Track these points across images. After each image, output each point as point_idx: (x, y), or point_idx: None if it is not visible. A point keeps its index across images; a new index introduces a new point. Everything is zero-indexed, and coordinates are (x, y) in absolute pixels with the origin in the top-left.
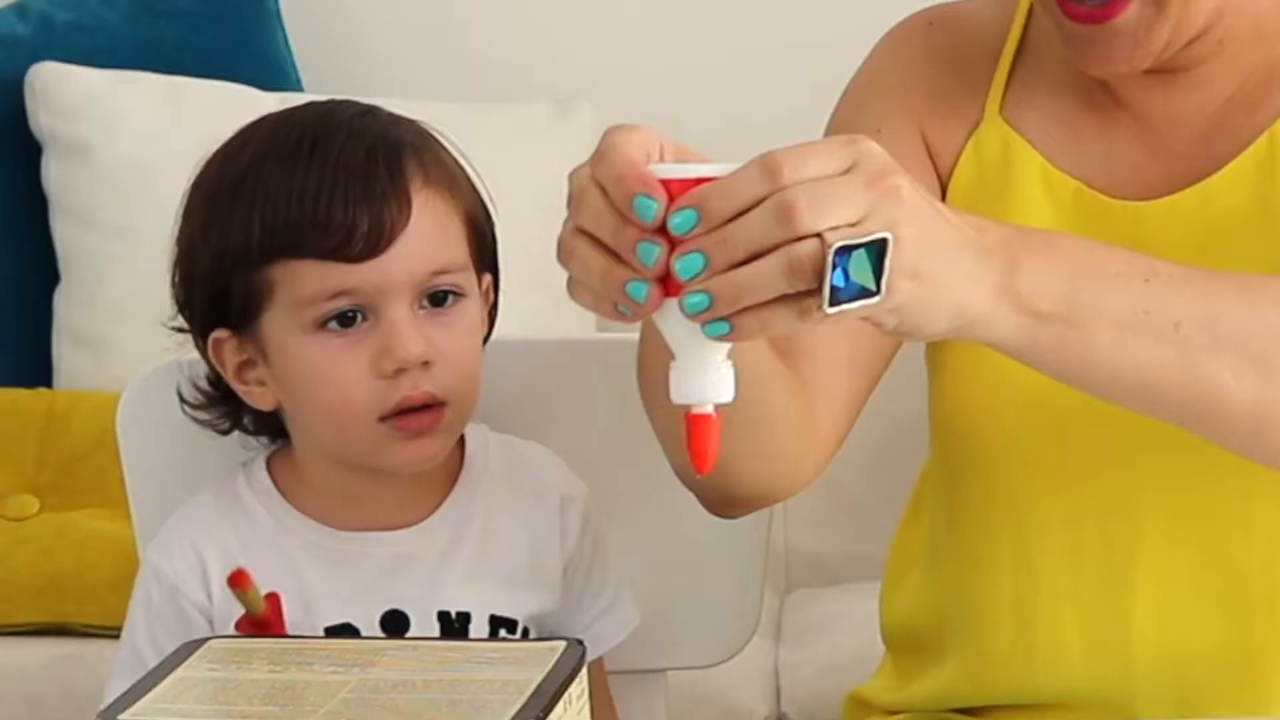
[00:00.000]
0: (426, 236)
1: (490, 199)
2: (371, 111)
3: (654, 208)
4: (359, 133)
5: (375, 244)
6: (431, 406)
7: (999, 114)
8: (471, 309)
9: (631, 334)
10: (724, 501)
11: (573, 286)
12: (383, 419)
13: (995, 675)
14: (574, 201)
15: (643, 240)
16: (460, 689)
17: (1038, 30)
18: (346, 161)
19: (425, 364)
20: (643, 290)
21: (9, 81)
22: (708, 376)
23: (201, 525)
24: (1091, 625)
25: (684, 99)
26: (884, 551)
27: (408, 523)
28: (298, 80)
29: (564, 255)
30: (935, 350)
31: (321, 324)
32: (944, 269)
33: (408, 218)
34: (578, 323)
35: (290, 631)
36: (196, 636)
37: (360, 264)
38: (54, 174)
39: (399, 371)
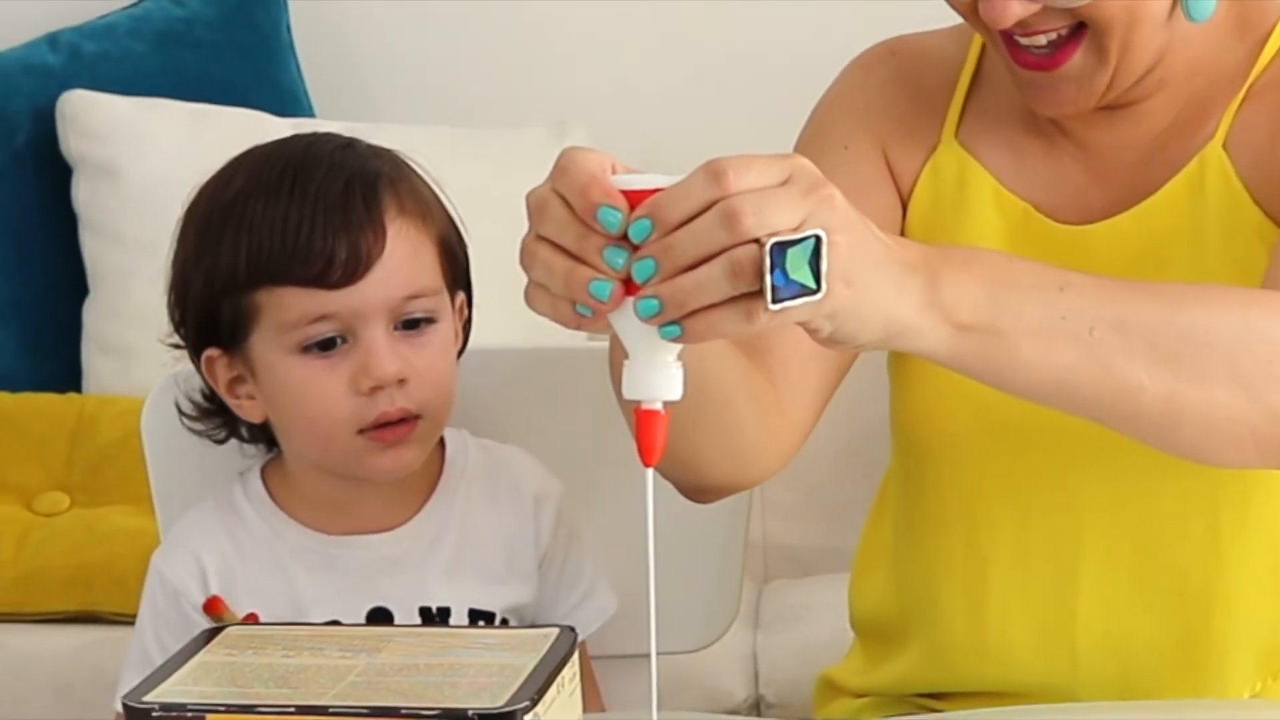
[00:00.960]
0: (401, 263)
1: (461, 222)
2: (351, 145)
3: (618, 217)
4: (338, 165)
5: (353, 271)
6: (406, 420)
7: (955, 138)
8: (444, 329)
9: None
10: (697, 489)
11: (532, 292)
12: (361, 431)
13: (951, 664)
14: (535, 213)
15: (609, 246)
16: (459, 673)
17: (990, 62)
18: (326, 193)
19: (401, 381)
20: (607, 289)
21: (42, 108)
22: (658, 375)
23: (201, 532)
24: (1038, 618)
25: (668, 123)
26: (854, 545)
27: (391, 525)
28: (310, 107)
29: (527, 261)
30: (895, 363)
31: (304, 347)
32: (873, 279)
33: (383, 246)
34: (566, 335)
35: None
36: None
37: (339, 290)
38: (83, 194)
39: (375, 389)
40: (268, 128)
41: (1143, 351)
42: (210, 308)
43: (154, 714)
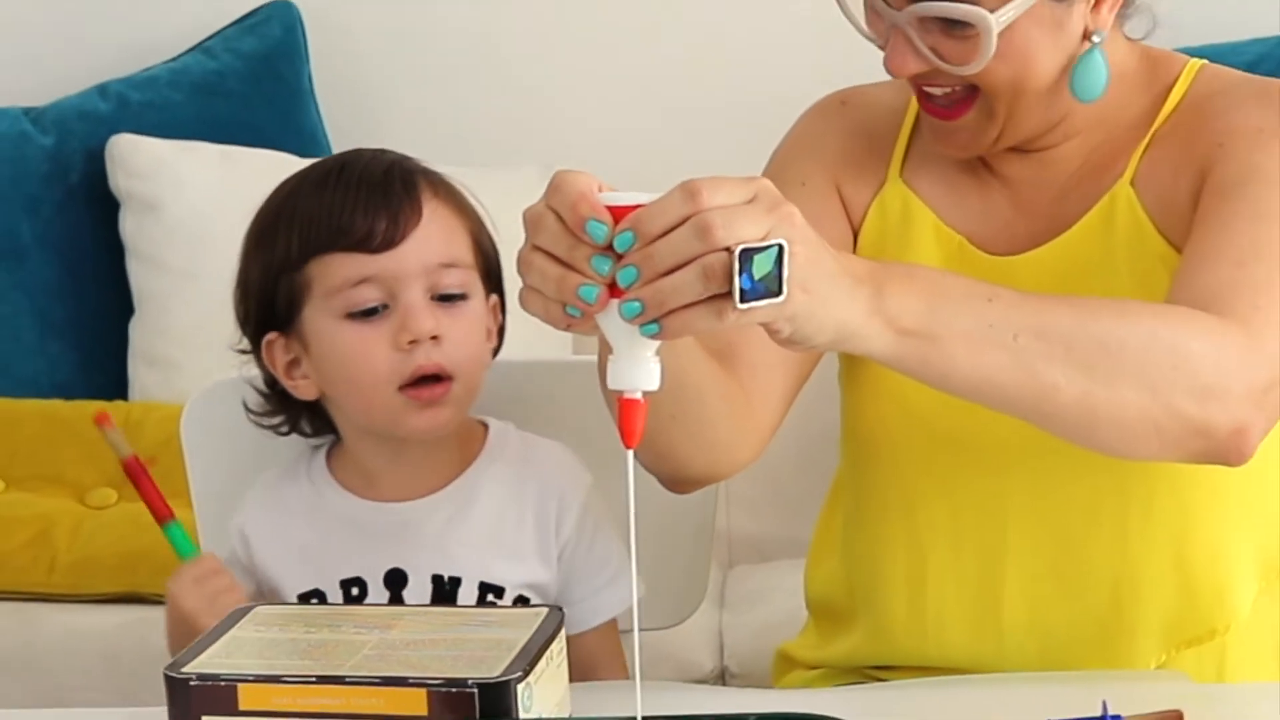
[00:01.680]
0: (435, 234)
1: (495, 229)
2: (387, 150)
3: (604, 229)
4: (378, 159)
5: (392, 238)
6: (441, 379)
7: (899, 177)
8: (476, 306)
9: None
10: (676, 480)
11: (526, 296)
12: (401, 388)
13: (893, 641)
14: (531, 226)
15: (596, 255)
16: (462, 646)
17: None
18: (368, 178)
19: (435, 339)
20: (594, 293)
21: (93, 150)
22: (639, 369)
23: (261, 498)
24: (970, 602)
25: (645, 162)
26: (809, 535)
27: (416, 496)
28: (328, 148)
29: (523, 269)
30: (846, 376)
31: (350, 314)
32: (827, 288)
33: (419, 219)
34: (556, 350)
35: (306, 585)
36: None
37: (380, 254)
38: (129, 226)
39: (413, 344)
40: (291, 167)
41: (1061, 356)
42: (267, 291)
43: (191, 683)
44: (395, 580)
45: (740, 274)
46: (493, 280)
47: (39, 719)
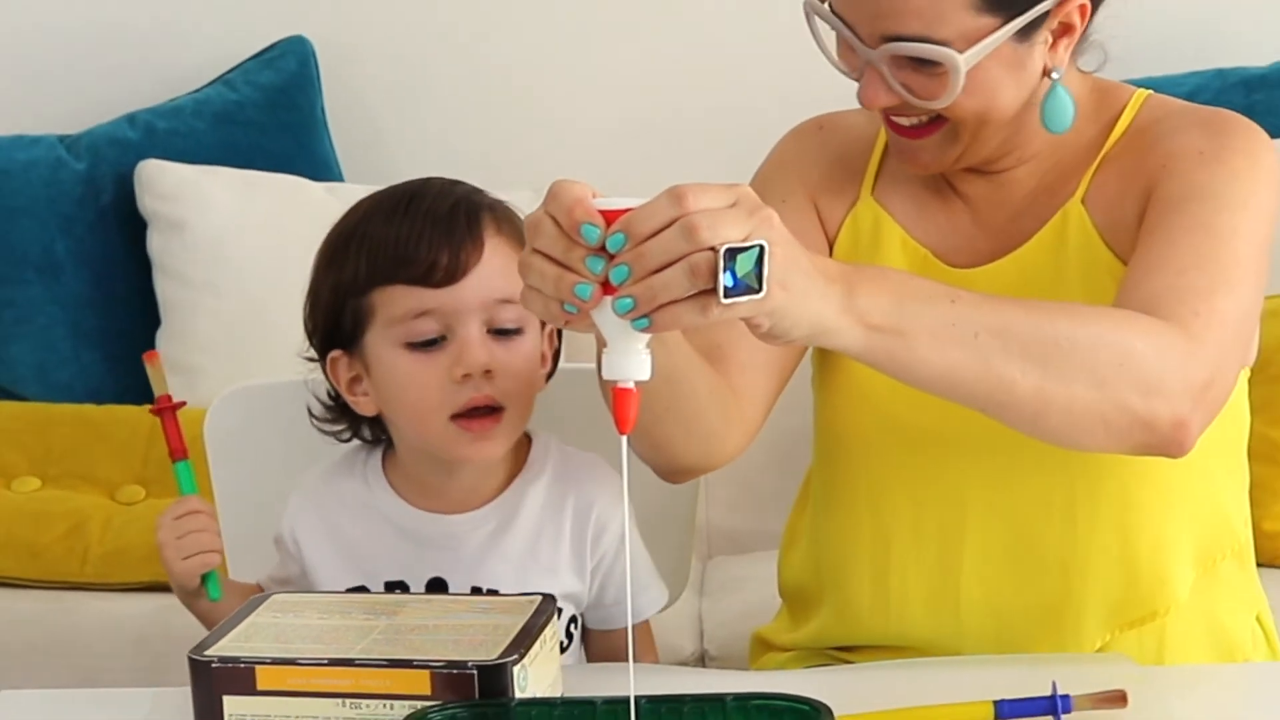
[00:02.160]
0: (495, 272)
1: None
2: (459, 182)
3: (597, 232)
4: (447, 193)
5: (453, 274)
6: (493, 411)
7: (871, 195)
8: (530, 340)
9: (585, 365)
10: (670, 470)
11: (526, 295)
12: (453, 418)
13: (859, 622)
14: (531, 231)
15: (590, 256)
16: (463, 631)
17: None
18: (434, 212)
19: (488, 373)
20: (588, 290)
21: (123, 174)
22: (631, 360)
23: (316, 489)
24: (930, 586)
25: (633, 182)
26: (781, 528)
27: (465, 510)
28: (339, 173)
29: (523, 270)
30: (819, 377)
31: (409, 344)
32: (804, 286)
33: (480, 256)
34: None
35: (351, 580)
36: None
37: (440, 289)
38: (156, 244)
39: (466, 377)
40: (305, 190)
41: (1017, 353)
42: (335, 312)
43: (213, 665)
44: (436, 587)
45: (724, 271)
46: None
47: (75, 697)
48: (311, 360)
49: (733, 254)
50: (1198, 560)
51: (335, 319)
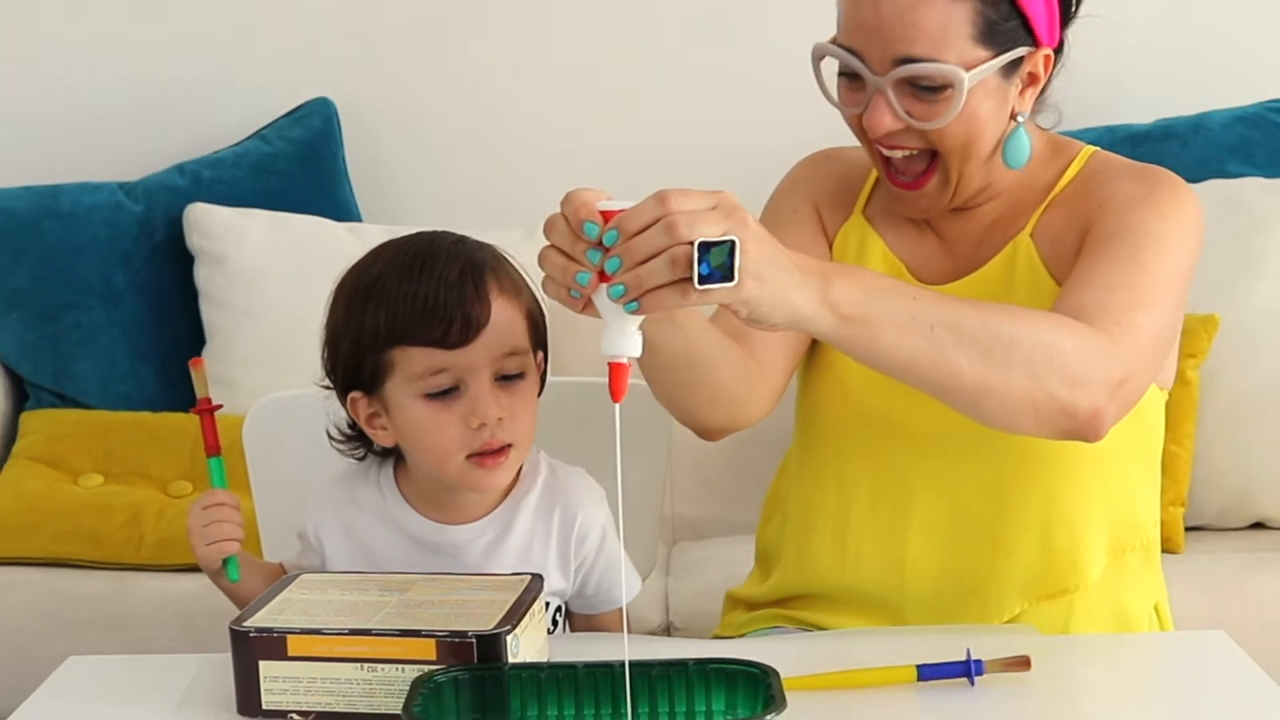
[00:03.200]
0: (501, 328)
1: (543, 297)
2: (463, 240)
3: (595, 229)
4: (454, 256)
5: (465, 336)
6: (501, 449)
7: (862, 214)
8: (531, 381)
9: (562, 377)
10: (702, 431)
11: (545, 283)
12: (468, 457)
13: (818, 575)
14: (547, 228)
15: (590, 249)
16: (464, 606)
17: None
18: (446, 277)
19: (499, 420)
20: (586, 278)
21: (173, 216)
22: (624, 339)
23: (335, 493)
24: (880, 548)
25: None
26: (737, 520)
27: (471, 520)
28: (358, 215)
29: (541, 261)
30: (804, 369)
31: (427, 395)
32: (779, 278)
33: (488, 317)
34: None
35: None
36: (318, 561)
37: (455, 350)
38: (202, 276)
39: (481, 426)
40: (329, 229)
41: (966, 346)
42: (356, 361)
43: (251, 635)
44: None
45: (699, 262)
46: (541, 340)
47: (132, 662)
48: (327, 388)
49: (706, 247)
50: (1109, 549)
51: (355, 367)
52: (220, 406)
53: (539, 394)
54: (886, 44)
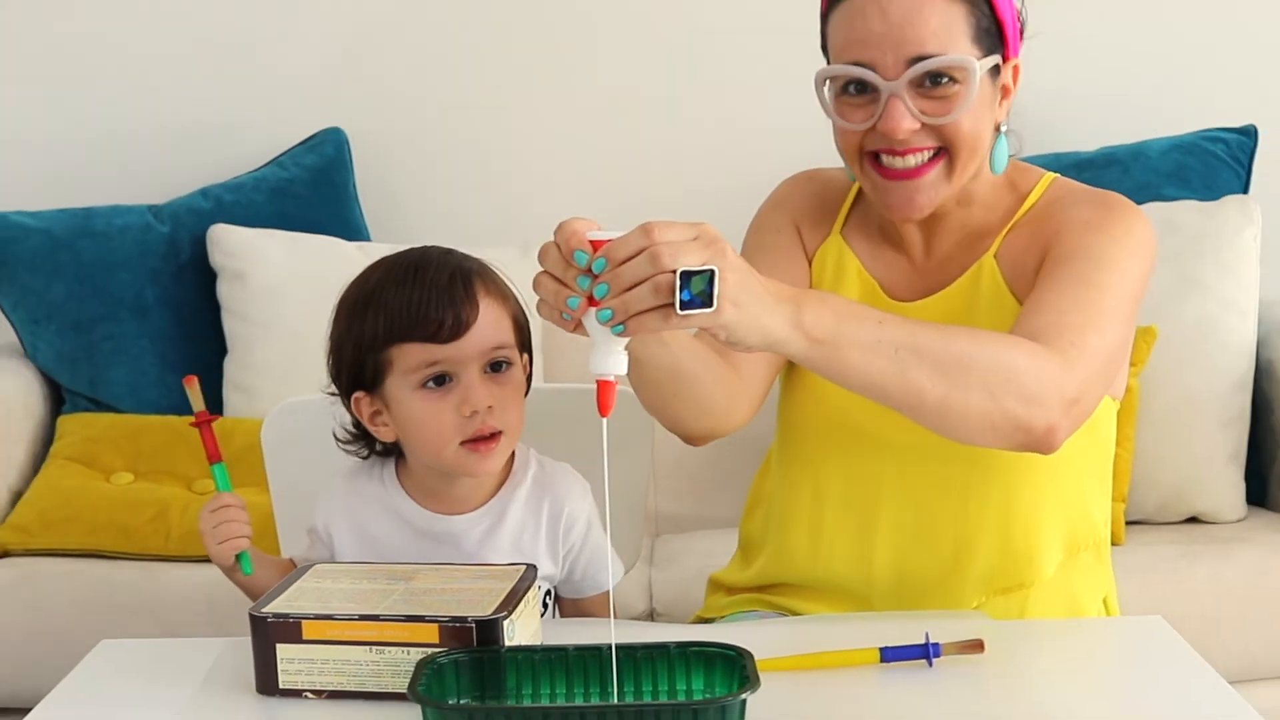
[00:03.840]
0: (488, 325)
1: (527, 305)
2: (451, 251)
3: (585, 257)
4: (444, 264)
5: (456, 331)
6: (494, 435)
7: (840, 234)
8: (518, 372)
9: (559, 384)
10: (687, 438)
11: (539, 305)
12: (461, 444)
13: (795, 566)
14: (541, 255)
15: (580, 275)
16: (465, 594)
17: (863, 193)
18: (437, 281)
19: (490, 408)
20: (576, 302)
21: (198, 236)
22: (611, 358)
23: (342, 489)
24: (851, 544)
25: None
26: (715, 514)
27: (466, 510)
28: (367, 234)
29: (536, 287)
30: (784, 380)
31: (423, 385)
32: (754, 304)
33: (476, 315)
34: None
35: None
36: (327, 554)
37: (447, 344)
38: (224, 290)
39: (473, 414)
40: (340, 248)
41: (928, 367)
42: (358, 363)
43: (269, 620)
44: None
45: (681, 289)
46: (526, 343)
47: (160, 645)
48: (333, 395)
49: (688, 276)
50: (1064, 548)
51: (358, 369)
52: (217, 417)
53: (526, 394)
54: (899, 46)
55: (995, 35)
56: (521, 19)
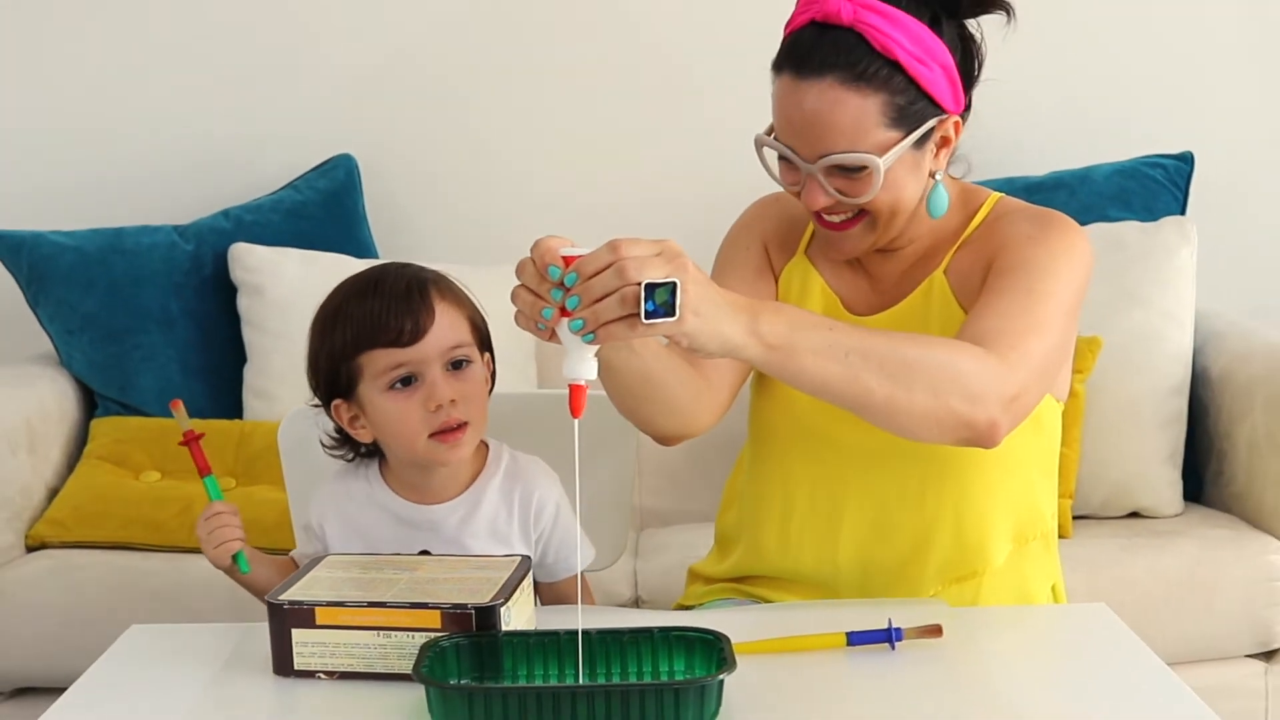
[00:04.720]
0: (446, 327)
1: (482, 308)
2: (407, 265)
3: (558, 271)
4: (400, 275)
5: (416, 336)
6: (460, 427)
7: (804, 253)
8: (478, 369)
9: (550, 389)
10: (658, 438)
11: (517, 317)
12: (431, 436)
13: (766, 560)
14: (518, 270)
15: (553, 288)
16: (465, 583)
17: None
18: (395, 291)
19: (453, 401)
20: (550, 313)
21: (219, 253)
22: (583, 364)
23: (333, 488)
24: (817, 539)
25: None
26: (695, 508)
27: (444, 500)
28: (376, 252)
29: (512, 298)
30: (754, 386)
31: (391, 387)
32: (714, 314)
33: (433, 318)
34: (526, 385)
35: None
36: (320, 551)
37: (409, 348)
38: (244, 304)
39: (438, 408)
40: (350, 265)
41: (876, 369)
42: (332, 372)
43: (284, 606)
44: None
45: (645, 300)
46: (485, 343)
47: (185, 630)
48: (316, 406)
49: (652, 288)
50: (1013, 538)
51: (333, 378)
52: (203, 435)
53: (491, 389)
54: (813, 142)
55: (924, 107)
56: (519, 55)
